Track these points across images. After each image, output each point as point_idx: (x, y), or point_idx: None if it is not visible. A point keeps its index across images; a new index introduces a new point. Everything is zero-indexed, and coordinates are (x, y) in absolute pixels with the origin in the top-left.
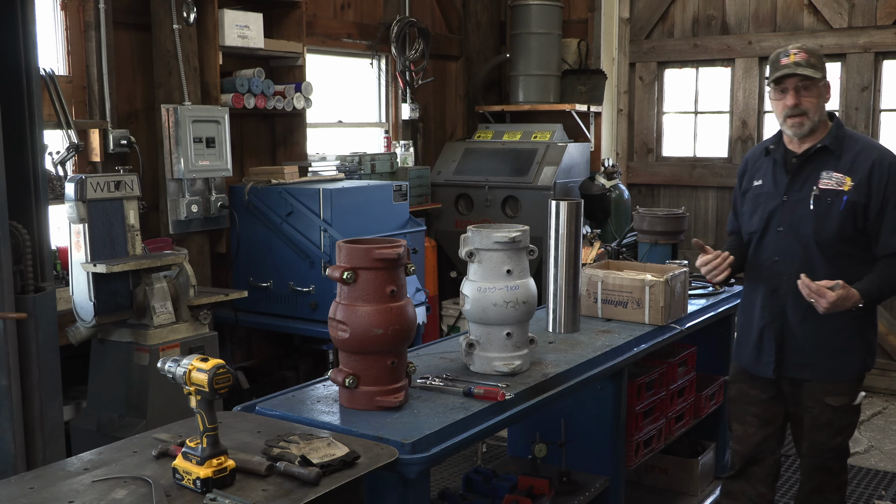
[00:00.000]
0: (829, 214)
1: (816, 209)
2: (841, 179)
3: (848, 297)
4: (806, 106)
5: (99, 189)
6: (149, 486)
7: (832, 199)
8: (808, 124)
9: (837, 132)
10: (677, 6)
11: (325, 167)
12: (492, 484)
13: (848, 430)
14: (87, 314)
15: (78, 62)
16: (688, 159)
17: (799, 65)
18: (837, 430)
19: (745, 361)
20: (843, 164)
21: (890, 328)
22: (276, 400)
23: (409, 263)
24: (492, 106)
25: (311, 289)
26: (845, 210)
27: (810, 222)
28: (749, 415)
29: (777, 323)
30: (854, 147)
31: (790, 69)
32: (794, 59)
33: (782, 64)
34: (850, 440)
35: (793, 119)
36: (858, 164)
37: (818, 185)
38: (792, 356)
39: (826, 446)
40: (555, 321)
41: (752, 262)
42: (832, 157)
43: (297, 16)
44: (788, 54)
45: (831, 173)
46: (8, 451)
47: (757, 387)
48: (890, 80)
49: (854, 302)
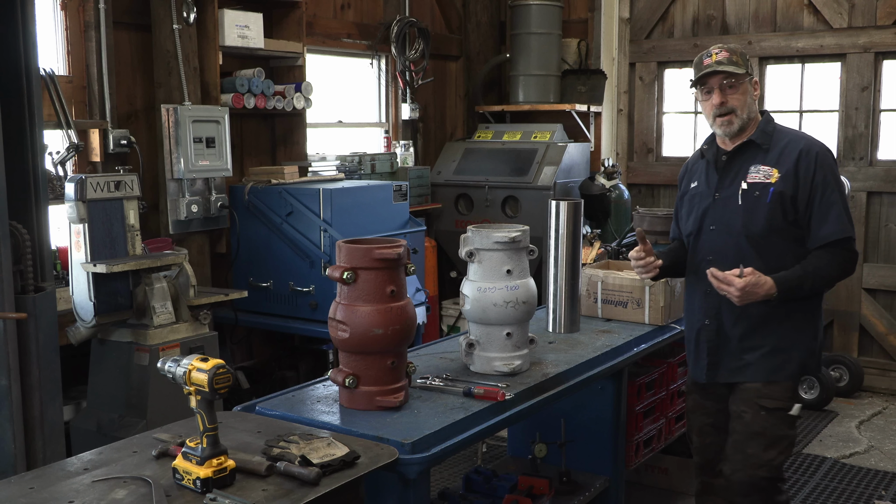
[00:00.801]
0: (757, 207)
1: (745, 203)
2: (768, 172)
3: (759, 284)
4: (733, 104)
5: (99, 189)
6: (149, 486)
7: (760, 192)
8: (736, 122)
9: (766, 126)
10: (677, 6)
11: (325, 167)
12: (492, 484)
13: (782, 444)
14: (87, 314)
15: (78, 62)
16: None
17: (721, 63)
18: (770, 441)
19: (689, 368)
20: (770, 157)
21: (890, 328)
22: (276, 400)
23: (409, 263)
24: (492, 106)
25: (311, 289)
26: (772, 201)
27: (739, 217)
28: (706, 425)
29: (712, 325)
30: (782, 140)
31: (712, 67)
32: (715, 58)
33: (705, 64)
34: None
35: (721, 118)
36: (785, 156)
37: (746, 180)
38: (726, 359)
39: (759, 460)
40: (555, 321)
41: (689, 263)
42: (760, 152)
43: (297, 16)
44: (710, 54)
45: (759, 167)
46: (8, 451)
47: (710, 397)
48: (890, 80)
49: (767, 289)
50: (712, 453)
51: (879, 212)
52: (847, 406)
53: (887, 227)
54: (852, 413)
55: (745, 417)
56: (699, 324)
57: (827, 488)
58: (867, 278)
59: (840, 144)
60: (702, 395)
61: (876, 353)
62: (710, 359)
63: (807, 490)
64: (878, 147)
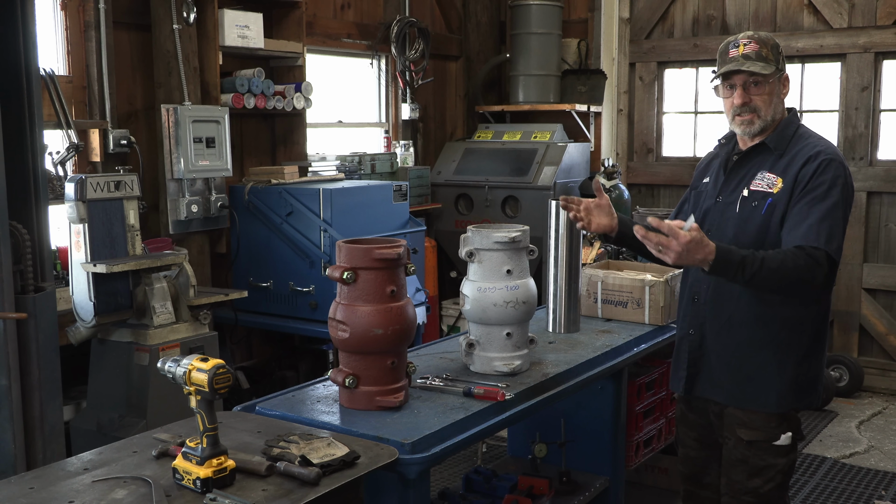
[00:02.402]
0: (751, 219)
1: (741, 213)
2: (773, 181)
3: (701, 245)
4: (757, 103)
5: (99, 189)
6: (149, 486)
7: (757, 203)
8: (758, 123)
9: (785, 130)
10: (677, 6)
11: (325, 167)
12: (492, 484)
13: (767, 473)
14: (87, 314)
15: (78, 62)
16: (688, 159)
17: (748, 58)
18: (753, 470)
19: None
20: (780, 164)
21: (890, 328)
22: (276, 400)
23: (409, 263)
24: (492, 106)
25: (311, 289)
26: (766, 214)
27: (732, 226)
28: (689, 438)
29: (696, 336)
30: (796, 146)
31: (737, 64)
32: (743, 50)
33: (730, 56)
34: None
35: (741, 117)
36: (793, 165)
37: (749, 187)
38: (704, 373)
39: (742, 488)
40: (555, 321)
41: None
42: (771, 157)
43: (297, 16)
44: (738, 45)
45: (765, 174)
46: (8, 451)
47: (693, 410)
48: (890, 80)
49: (706, 254)
50: (697, 467)
51: (879, 212)
52: (847, 406)
53: (887, 227)
54: (852, 413)
55: (728, 443)
56: (683, 332)
57: (827, 488)
58: (867, 278)
59: (840, 144)
60: (686, 406)
61: (876, 353)
62: (689, 370)
63: (807, 490)
64: (878, 147)
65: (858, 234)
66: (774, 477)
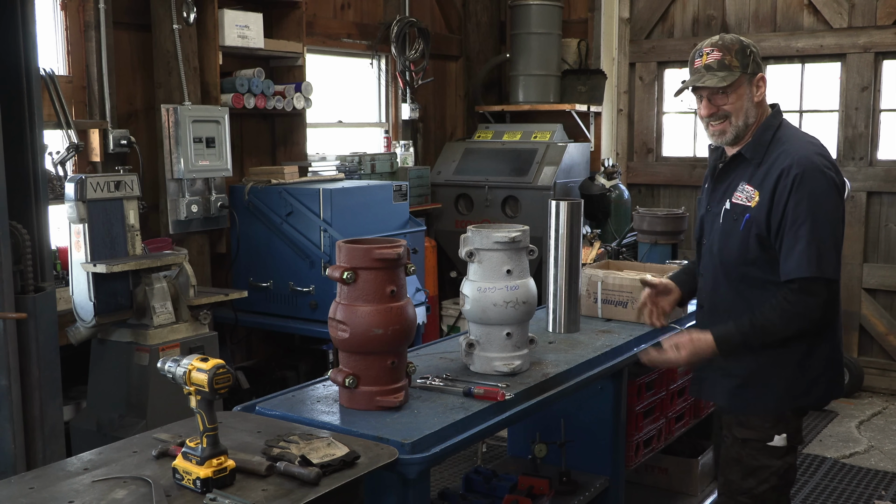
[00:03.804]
0: (732, 234)
1: (724, 225)
2: (751, 194)
3: (698, 351)
4: (727, 109)
5: (99, 189)
6: (149, 486)
7: (737, 217)
8: (730, 131)
9: (761, 136)
10: (677, 6)
11: (325, 167)
12: (492, 484)
13: (761, 473)
14: (87, 314)
15: (78, 62)
16: (688, 159)
17: (710, 68)
18: (747, 470)
19: None
20: (758, 174)
21: (890, 328)
22: (276, 400)
23: (409, 263)
24: (492, 106)
25: (311, 289)
26: (744, 230)
27: (718, 240)
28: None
29: None
30: (773, 154)
31: (694, 79)
32: (706, 60)
33: (694, 67)
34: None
35: (713, 126)
36: (769, 176)
37: (731, 199)
38: (709, 378)
39: (738, 488)
40: (555, 321)
41: None
42: (751, 166)
43: (297, 16)
44: (702, 54)
45: (744, 186)
46: (8, 451)
47: None
48: (890, 80)
49: (711, 351)
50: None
51: (879, 212)
52: (847, 406)
53: (887, 227)
54: (852, 413)
55: (726, 441)
56: None
57: (827, 488)
58: (867, 278)
59: (840, 144)
60: None
61: (876, 353)
62: (696, 374)
63: (807, 490)
64: (878, 147)
65: (858, 234)
66: (769, 478)
